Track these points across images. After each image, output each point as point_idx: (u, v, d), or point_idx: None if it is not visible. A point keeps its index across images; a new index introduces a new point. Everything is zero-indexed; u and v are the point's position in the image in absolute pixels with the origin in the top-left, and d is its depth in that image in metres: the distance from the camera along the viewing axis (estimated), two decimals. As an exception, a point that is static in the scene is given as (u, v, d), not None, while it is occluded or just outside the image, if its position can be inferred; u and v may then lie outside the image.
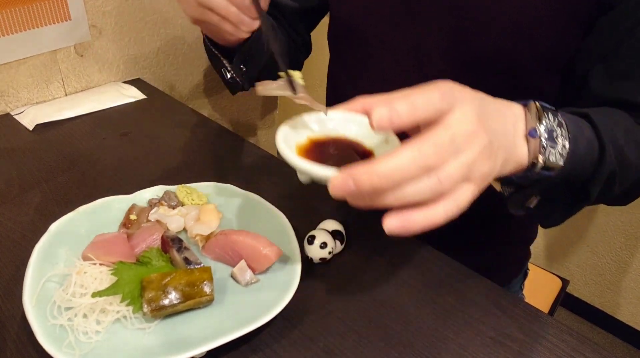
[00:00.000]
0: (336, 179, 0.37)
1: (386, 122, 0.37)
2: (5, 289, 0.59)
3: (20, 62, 0.94)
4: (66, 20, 0.96)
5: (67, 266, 0.58)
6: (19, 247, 0.64)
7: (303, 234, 0.63)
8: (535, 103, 0.47)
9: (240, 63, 0.77)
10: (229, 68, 0.78)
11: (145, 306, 0.52)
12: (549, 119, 0.46)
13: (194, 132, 0.91)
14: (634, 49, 0.58)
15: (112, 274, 0.56)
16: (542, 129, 0.45)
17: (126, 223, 0.64)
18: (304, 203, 0.73)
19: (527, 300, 0.68)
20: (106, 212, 0.66)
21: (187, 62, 1.20)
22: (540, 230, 0.90)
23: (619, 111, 0.57)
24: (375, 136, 0.47)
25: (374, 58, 0.73)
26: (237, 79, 0.78)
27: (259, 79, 0.85)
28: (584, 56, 0.61)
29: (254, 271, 0.58)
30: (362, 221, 0.70)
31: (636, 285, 1.66)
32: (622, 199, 0.62)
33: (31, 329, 0.50)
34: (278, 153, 0.44)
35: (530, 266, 0.96)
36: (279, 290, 0.55)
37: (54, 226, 0.61)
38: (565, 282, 1.10)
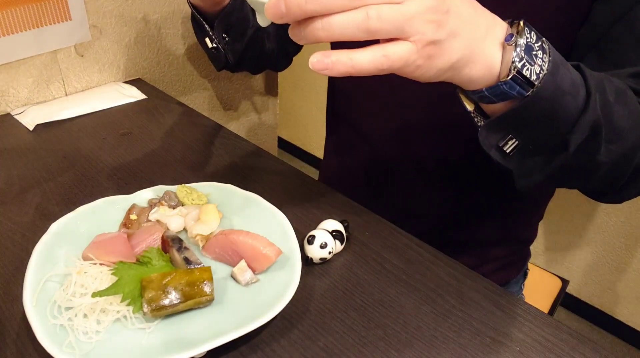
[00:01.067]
0: (270, 2, 0.39)
1: None
2: (5, 289, 0.59)
3: (20, 62, 0.94)
4: (66, 21, 0.96)
5: (67, 266, 0.58)
6: (19, 247, 0.65)
7: (303, 234, 0.63)
8: (521, 22, 0.45)
9: (223, 31, 0.77)
10: (211, 34, 0.79)
11: (146, 306, 0.52)
12: (530, 37, 0.44)
13: (194, 132, 0.91)
14: (624, 35, 0.58)
15: (112, 274, 0.56)
16: (520, 41, 0.44)
17: (126, 223, 0.64)
18: (304, 203, 0.73)
19: (527, 300, 0.68)
20: (106, 212, 0.66)
21: (188, 62, 1.20)
22: (540, 229, 0.90)
23: (615, 78, 0.55)
24: None
25: None
26: (220, 47, 0.79)
27: (245, 56, 0.86)
28: (578, 45, 0.61)
29: (254, 271, 0.58)
30: (362, 221, 0.70)
31: (636, 285, 1.66)
32: (615, 192, 0.59)
33: (31, 329, 0.50)
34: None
35: (530, 266, 0.96)
36: (279, 290, 0.55)
37: (54, 226, 0.61)
38: (565, 282, 1.10)
